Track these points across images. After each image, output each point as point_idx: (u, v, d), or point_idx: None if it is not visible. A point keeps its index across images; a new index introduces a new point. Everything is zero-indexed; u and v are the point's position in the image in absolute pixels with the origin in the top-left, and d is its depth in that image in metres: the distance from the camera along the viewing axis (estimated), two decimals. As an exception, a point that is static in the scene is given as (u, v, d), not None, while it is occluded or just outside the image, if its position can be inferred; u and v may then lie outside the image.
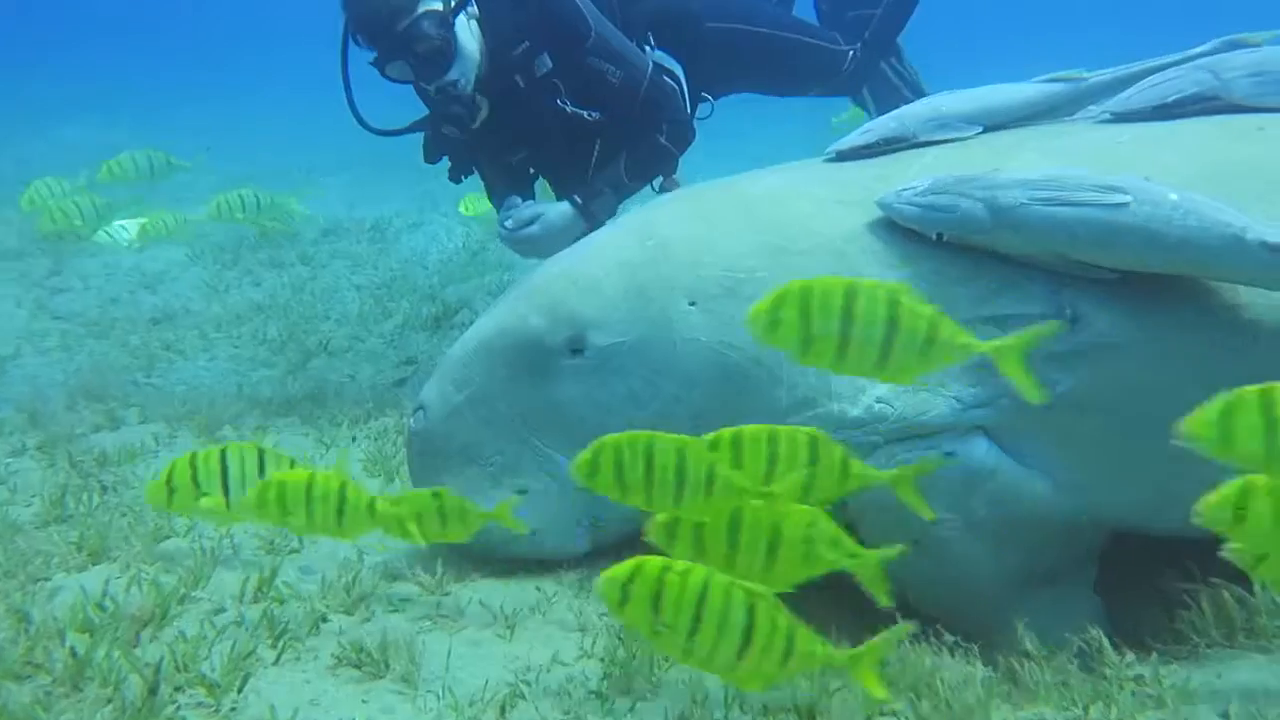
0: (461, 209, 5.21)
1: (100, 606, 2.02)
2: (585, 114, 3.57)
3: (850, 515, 2.28)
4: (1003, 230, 2.15)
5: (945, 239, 2.24)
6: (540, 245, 3.62)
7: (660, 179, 3.90)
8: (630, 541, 2.51)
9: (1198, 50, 2.65)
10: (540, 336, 2.42)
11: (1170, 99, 2.48)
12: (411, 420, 2.53)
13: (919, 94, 4.78)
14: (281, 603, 2.18)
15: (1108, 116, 2.60)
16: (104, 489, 2.85)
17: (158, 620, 2.00)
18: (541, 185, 4.09)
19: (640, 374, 2.37)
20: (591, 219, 3.63)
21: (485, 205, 4.19)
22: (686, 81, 3.82)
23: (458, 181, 4.00)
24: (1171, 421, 2.08)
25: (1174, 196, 2.03)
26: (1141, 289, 2.11)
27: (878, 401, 2.21)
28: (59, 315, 5.14)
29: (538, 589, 2.35)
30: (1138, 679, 1.94)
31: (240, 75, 20.15)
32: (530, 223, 3.58)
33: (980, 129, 2.63)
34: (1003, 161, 2.38)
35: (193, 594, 2.18)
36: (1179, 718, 1.78)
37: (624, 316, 2.39)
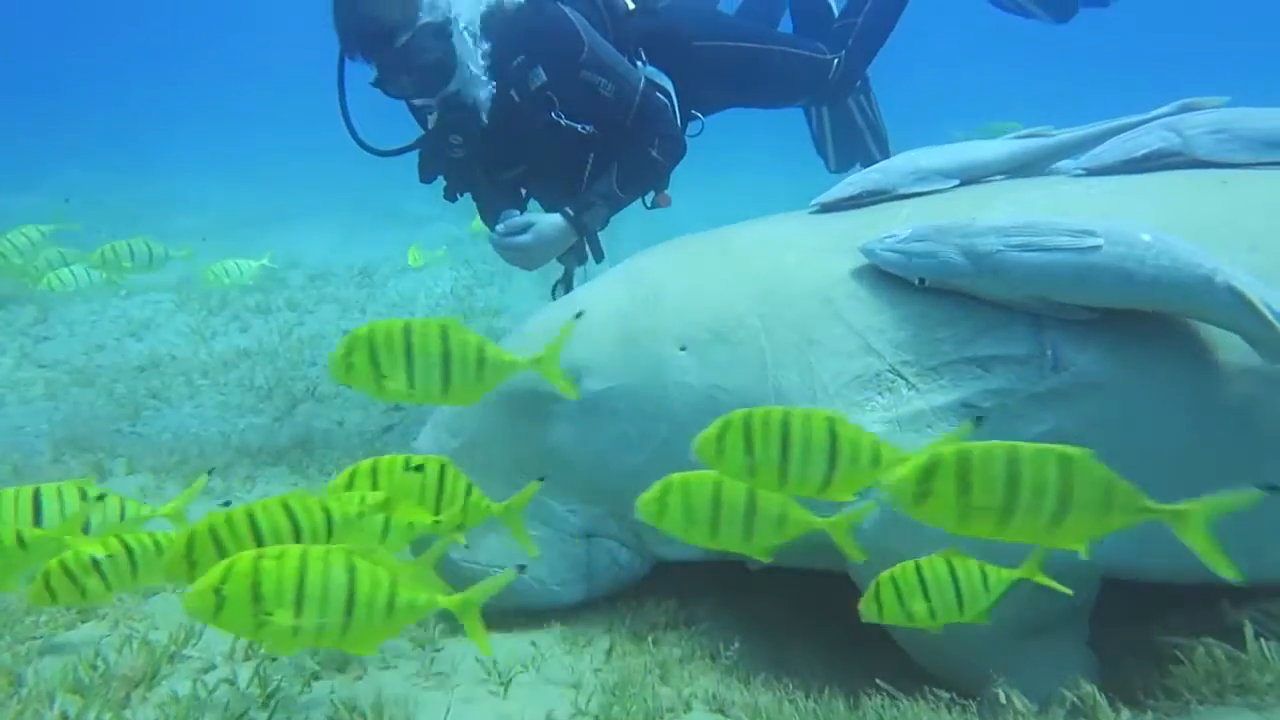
0: (410, 260, 4.88)
1: (91, 666, 2.00)
2: (579, 127, 3.60)
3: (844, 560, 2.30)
4: (983, 276, 2.21)
5: (927, 284, 2.29)
6: (530, 254, 3.65)
7: (653, 194, 3.96)
8: (623, 592, 2.53)
9: (1158, 112, 2.79)
10: (534, 383, 2.45)
11: (1138, 154, 2.60)
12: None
13: (881, 139, 4.94)
14: (273, 660, 2.16)
15: (1080, 172, 2.70)
16: (92, 543, 2.81)
17: (148, 680, 1.98)
18: (533, 207, 4.11)
19: (632, 418, 2.40)
20: (583, 230, 3.68)
21: (430, 255, 4.10)
22: (677, 98, 3.87)
23: (453, 200, 4.01)
24: (1154, 459, 2.13)
25: (1147, 237, 2.10)
26: (1121, 329, 2.17)
27: None
28: (44, 363, 5.11)
29: (532, 644, 2.34)
30: (1131, 735, 1.96)
31: (225, 116, 20.31)
32: (522, 231, 3.61)
33: (957, 182, 2.72)
34: (978, 212, 2.45)
35: (183, 652, 2.17)
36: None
37: (616, 361, 2.43)
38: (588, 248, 3.96)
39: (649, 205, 4.04)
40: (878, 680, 2.13)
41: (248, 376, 5.02)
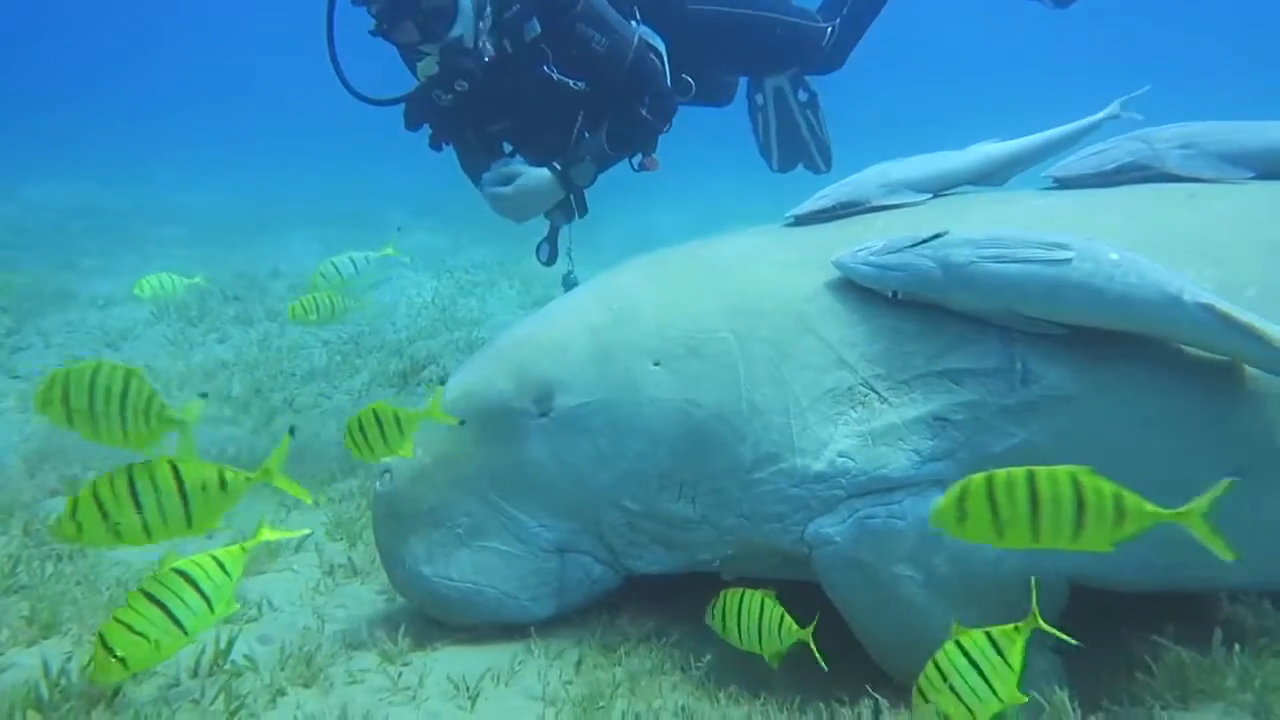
0: (135, 290, 4.25)
1: (53, 684, 1.97)
2: (571, 83, 3.61)
3: (817, 572, 2.30)
4: (955, 287, 2.23)
5: (900, 296, 2.31)
6: (515, 205, 3.72)
7: (640, 156, 3.97)
8: (593, 608, 2.51)
9: (1101, 115, 2.94)
10: (507, 399, 2.44)
11: (1108, 167, 2.65)
12: (378, 483, 2.52)
13: (825, 153, 5.00)
14: (238, 676, 2.14)
15: (1051, 183, 2.73)
16: (58, 558, 2.79)
17: (109, 698, 1.96)
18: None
19: (607, 433, 2.39)
20: (569, 185, 3.71)
21: (159, 285, 3.87)
22: (669, 60, 3.89)
23: (438, 150, 4.00)
24: (1120, 475, 2.14)
25: (1114, 255, 2.12)
26: (1091, 343, 2.19)
27: (840, 456, 2.25)
28: (17, 375, 5.04)
29: (502, 657, 2.32)
30: (1096, 742, 1.96)
31: (202, 128, 20.24)
32: (508, 182, 3.65)
33: (930, 195, 2.74)
34: (952, 223, 2.46)
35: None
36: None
37: (590, 377, 2.42)
38: (574, 205, 3.95)
39: (636, 168, 4.07)
40: (867, 686, 2.13)
41: (225, 387, 4.97)
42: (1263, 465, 2.14)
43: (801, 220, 2.79)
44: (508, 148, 4.09)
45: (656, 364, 2.40)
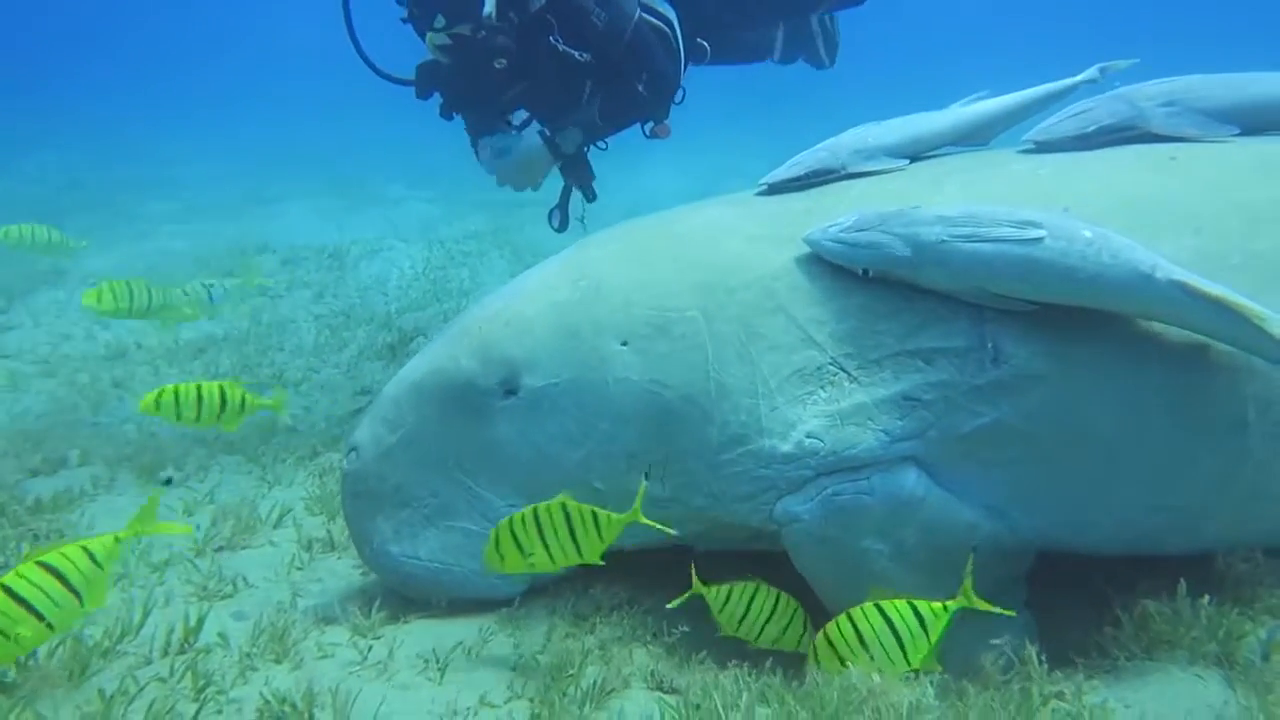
0: (85, 300, 4.12)
1: (20, 664, 1.98)
2: (576, 54, 3.66)
3: (786, 547, 2.29)
4: (926, 266, 2.18)
5: (871, 274, 2.25)
6: (510, 174, 3.92)
7: (651, 124, 4.04)
8: (567, 578, 2.51)
9: (1079, 78, 2.86)
10: (472, 378, 2.42)
11: (1089, 129, 2.56)
12: (344, 461, 2.51)
13: (833, 48, 4.83)
14: (208, 653, 2.15)
15: (1030, 146, 2.64)
16: (35, 538, 2.80)
17: (76, 677, 1.96)
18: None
19: (574, 414, 2.37)
20: (556, 152, 3.85)
21: (111, 298, 3.90)
22: (682, 25, 3.88)
23: (448, 119, 4.07)
24: (1090, 449, 2.12)
25: (1088, 234, 2.06)
26: (1062, 322, 2.15)
27: (808, 437, 2.22)
28: (7, 353, 5.05)
29: (474, 630, 2.33)
30: (1058, 695, 1.97)
31: (195, 100, 20.09)
32: (505, 153, 3.83)
33: (907, 162, 2.67)
34: (929, 193, 2.41)
35: (118, 648, 2.15)
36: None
37: (556, 357, 2.39)
38: (583, 174, 4.01)
39: (647, 134, 4.13)
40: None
41: (214, 363, 4.97)
42: (1233, 438, 2.11)
43: (775, 189, 2.72)
44: (517, 119, 4.15)
45: (624, 344, 2.36)
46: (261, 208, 9.97)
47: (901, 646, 1.94)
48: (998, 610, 1.98)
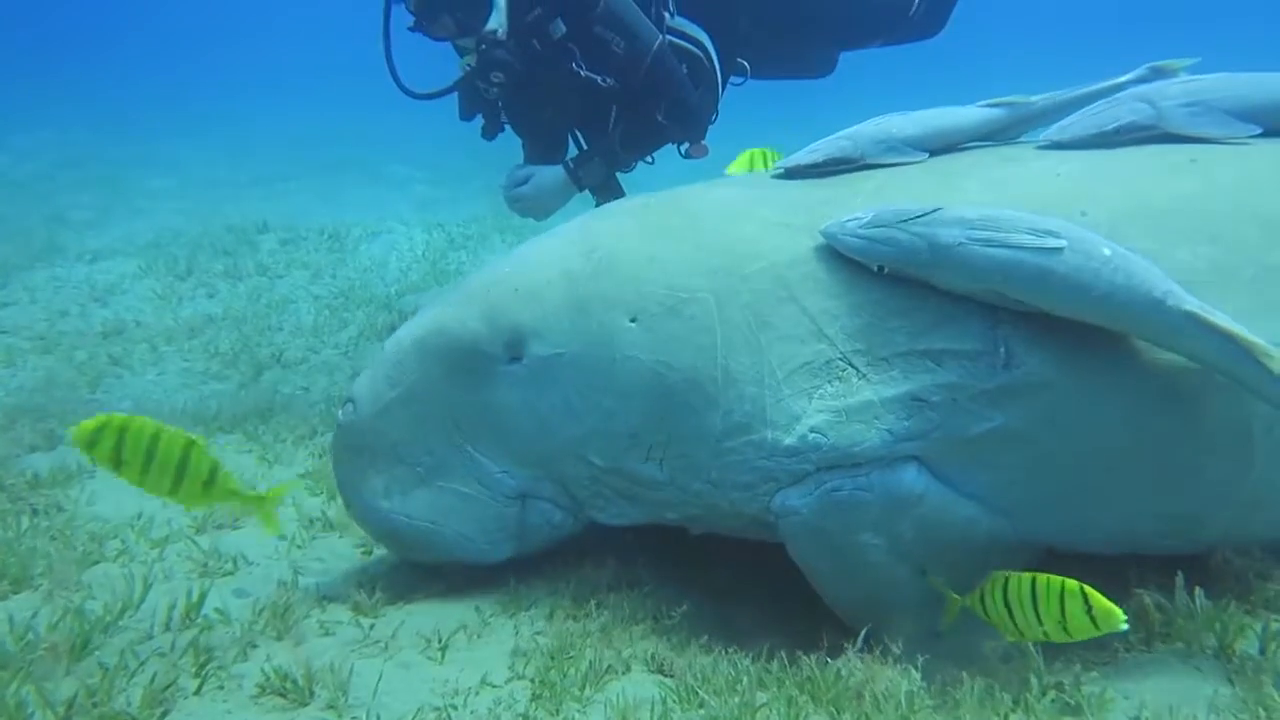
0: None
1: (19, 638, 1.98)
2: (599, 80, 3.69)
3: (782, 538, 2.28)
4: (941, 266, 2.16)
5: (886, 271, 2.24)
6: (531, 204, 3.97)
7: (687, 145, 4.08)
8: (561, 548, 2.51)
9: (1126, 77, 2.72)
10: (478, 342, 2.39)
11: (1109, 128, 2.50)
12: (340, 413, 2.48)
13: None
14: (210, 629, 2.14)
15: (1049, 144, 2.61)
16: (34, 513, 2.79)
17: (78, 651, 1.96)
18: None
19: (577, 387, 2.35)
20: (579, 183, 3.89)
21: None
22: (719, 51, 3.89)
23: (491, 139, 4.14)
24: (1096, 457, 2.12)
25: (1107, 251, 2.04)
26: (1073, 331, 2.13)
27: (812, 431, 2.20)
28: (4, 329, 5.03)
29: (475, 609, 2.33)
30: (1058, 686, 1.97)
31: (195, 81, 19.96)
32: (524, 182, 3.86)
33: (926, 155, 2.63)
34: (947, 189, 2.38)
35: (119, 622, 2.15)
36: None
37: (564, 328, 2.37)
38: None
39: (684, 155, 4.17)
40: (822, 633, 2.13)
41: (213, 342, 4.96)
42: (1237, 450, 2.12)
43: (792, 173, 2.69)
44: (572, 149, 4.20)
45: (633, 320, 2.34)
46: (262, 187, 9.93)
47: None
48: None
